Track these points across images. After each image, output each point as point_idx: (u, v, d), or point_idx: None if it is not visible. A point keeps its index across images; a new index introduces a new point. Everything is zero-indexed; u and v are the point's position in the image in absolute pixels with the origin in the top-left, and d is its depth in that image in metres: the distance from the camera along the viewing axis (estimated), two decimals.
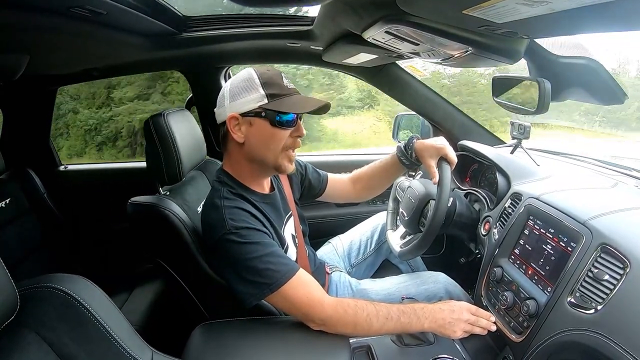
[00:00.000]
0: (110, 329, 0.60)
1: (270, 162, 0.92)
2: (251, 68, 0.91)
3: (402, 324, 0.85)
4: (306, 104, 0.91)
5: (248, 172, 0.95)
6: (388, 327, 0.85)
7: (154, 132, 1.02)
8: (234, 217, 0.85)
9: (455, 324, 0.85)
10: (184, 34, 1.30)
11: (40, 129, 1.86)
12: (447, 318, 0.85)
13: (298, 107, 0.89)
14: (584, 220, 0.75)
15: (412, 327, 0.86)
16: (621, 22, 0.59)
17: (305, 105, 0.90)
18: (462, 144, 1.38)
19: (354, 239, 1.40)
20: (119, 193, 1.23)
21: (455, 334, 0.86)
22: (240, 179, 0.94)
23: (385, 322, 0.84)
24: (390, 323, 0.84)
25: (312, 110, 0.91)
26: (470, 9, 0.59)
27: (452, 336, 0.86)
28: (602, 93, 0.95)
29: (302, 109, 0.90)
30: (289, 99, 0.89)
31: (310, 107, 0.90)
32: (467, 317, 0.87)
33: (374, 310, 0.84)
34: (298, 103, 0.90)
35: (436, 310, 0.87)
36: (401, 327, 0.86)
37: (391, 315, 0.85)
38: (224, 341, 0.82)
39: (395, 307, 0.86)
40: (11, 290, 0.51)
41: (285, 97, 0.89)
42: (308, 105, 0.91)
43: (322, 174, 1.27)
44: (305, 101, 0.91)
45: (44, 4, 0.79)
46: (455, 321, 0.86)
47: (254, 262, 0.82)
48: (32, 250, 1.48)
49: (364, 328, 0.84)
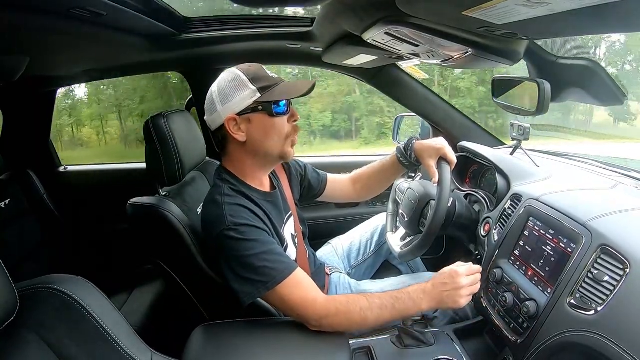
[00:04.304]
0: (109, 330, 0.60)
1: (275, 153, 0.93)
2: (234, 68, 0.92)
3: (399, 311, 0.84)
4: (296, 88, 0.92)
5: (249, 169, 0.95)
6: (385, 317, 0.84)
7: (153, 133, 1.02)
8: (234, 214, 0.85)
9: (454, 294, 0.85)
10: (183, 35, 1.30)
11: (40, 130, 1.86)
12: (442, 292, 0.85)
13: (291, 92, 0.91)
14: (583, 222, 0.75)
15: (409, 312, 0.85)
16: (621, 23, 0.59)
17: (297, 89, 0.92)
18: (461, 145, 1.38)
19: (353, 240, 1.40)
20: (118, 194, 1.23)
21: (460, 303, 0.85)
22: (242, 177, 0.95)
23: (380, 313, 0.83)
24: (386, 313, 0.84)
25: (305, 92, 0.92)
26: (470, 10, 0.59)
27: (457, 307, 0.86)
28: (602, 94, 0.95)
29: (295, 94, 0.91)
30: (279, 87, 0.90)
31: (301, 90, 0.91)
32: (463, 282, 0.85)
33: (367, 303, 0.84)
34: (289, 89, 0.91)
35: (429, 288, 0.86)
36: (398, 314, 0.85)
37: (385, 305, 0.84)
38: (224, 342, 0.82)
39: (388, 295, 0.86)
40: (11, 291, 0.51)
41: (274, 86, 0.90)
42: (299, 88, 0.92)
43: (321, 174, 1.27)
44: (294, 86, 0.92)
45: (44, 5, 0.79)
46: (452, 292, 0.85)
47: (251, 259, 0.82)
48: (32, 251, 1.48)
49: (358, 323, 0.83)
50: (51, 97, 1.83)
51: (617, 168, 1.11)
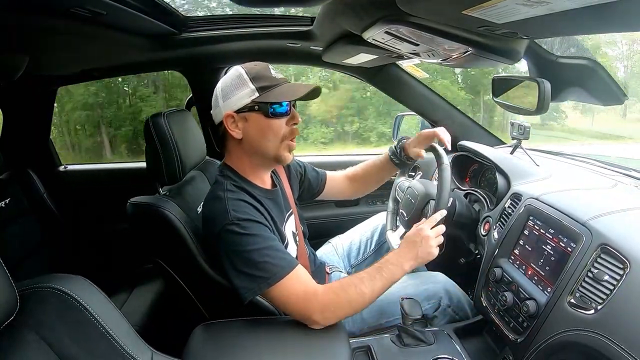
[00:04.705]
0: (109, 329, 0.60)
1: (270, 154, 0.93)
2: (239, 66, 0.92)
3: (387, 278, 0.88)
4: (296, 90, 0.91)
5: (249, 167, 0.96)
6: (377, 287, 0.87)
7: (153, 132, 1.02)
8: (237, 209, 0.85)
9: (425, 247, 0.91)
10: (183, 34, 1.30)
11: (40, 129, 1.86)
12: (416, 249, 0.91)
13: (289, 95, 0.90)
14: (583, 221, 0.75)
15: (395, 276, 0.89)
16: (621, 22, 0.59)
17: (296, 92, 0.91)
18: (461, 144, 1.38)
19: (353, 239, 1.40)
20: (118, 193, 1.23)
21: (433, 253, 0.92)
22: (243, 173, 0.95)
23: (373, 284, 0.86)
24: (377, 283, 0.87)
25: (303, 95, 0.92)
26: (470, 10, 0.59)
27: (433, 257, 0.92)
28: (602, 93, 0.95)
29: (292, 96, 0.90)
30: (279, 88, 0.90)
31: (300, 93, 0.91)
32: (429, 234, 0.92)
33: (358, 280, 0.86)
34: (288, 91, 0.91)
35: (403, 250, 0.92)
36: (388, 280, 0.88)
37: (373, 275, 0.87)
38: (224, 341, 0.82)
39: (370, 268, 0.90)
40: (11, 290, 0.51)
41: (275, 87, 0.90)
42: (298, 91, 0.91)
43: (320, 173, 1.28)
44: (295, 88, 0.92)
45: (44, 4, 0.79)
46: (423, 246, 0.91)
47: (253, 254, 0.82)
48: (32, 250, 1.48)
49: (359, 301, 0.85)
50: (51, 97, 1.83)
51: (617, 167, 1.11)
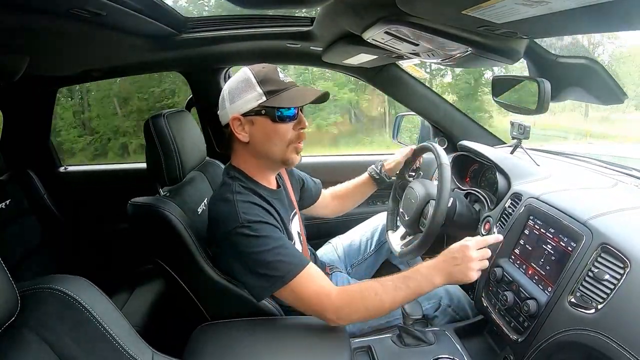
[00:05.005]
0: (110, 330, 0.60)
1: (277, 157, 0.93)
2: (247, 68, 0.91)
3: (413, 290, 0.84)
4: (304, 95, 0.91)
5: (256, 168, 0.96)
6: (400, 298, 0.83)
7: (153, 133, 1.02)
8: (247, 211, 0.85)
9: (464, 268, 0.85)
10: (183, 35, 1.30)
11: (40, 130, 1.86)
12: (453, 267, 0.85)
13: (296, 100, 0.89)
14: (584, 220, 0.75)
15: (423, 289, 0.84)
16: (621, 22, 0.59)
17: (304, 97, 0.90)
18: (462, 144, 1.38)
19: (354, 239, 1.40)
20: (118, 194, 1.23)
21: (470, 277, 0.85)
22: (250, 174, 0.95)
23: (395, 294, 0.83)
24: (400, 293, 0.83)
25: (311, 101, 0.91)
26: (469, 10, 0.59)
27: (469, 281, 0.85)
28: (602, 93, 0.95)
29: (300, 102, 0.90)
30: (287, 93, 0.89)
31: (308, 98, 0.90)
32: (473, 256, 0.86)
33: (380, 287, 0.83)
34: (296, 96, 0.90)
35: (440, 263, 0.86)
36: (413, 292, 0.84)
37: (398, 286, 0.83)
38: (225, 342, 0.82)
39: (399, 276, 0.85)
40: (12, 291, 0.51)
41: (282, 91, 0.89)
42: (306, 96, 0.90)
43: (317, 183, 1.30)
44: (303, 93, 0.91)
45: (44, 5, 0.79)
46: (462, 266, 0.85)
47: (265, 255, 0.82)
48: (33, 251, 1.48)
49: (376, 307, 0.83)
50: (51, 98, 1.83)
51: (618, 167, 1.11)
